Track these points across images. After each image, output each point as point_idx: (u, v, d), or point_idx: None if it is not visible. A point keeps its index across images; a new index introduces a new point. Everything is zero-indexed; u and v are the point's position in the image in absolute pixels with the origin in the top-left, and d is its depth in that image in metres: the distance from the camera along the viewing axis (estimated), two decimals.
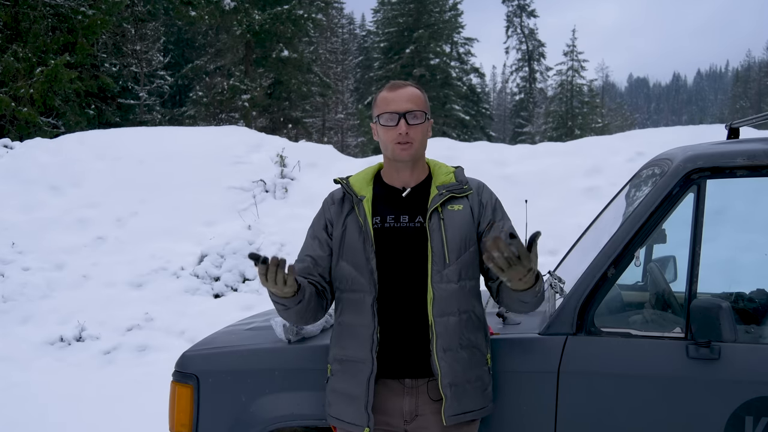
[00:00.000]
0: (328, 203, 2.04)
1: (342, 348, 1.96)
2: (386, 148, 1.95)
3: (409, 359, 1.91)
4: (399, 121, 1.90)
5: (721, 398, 1.97)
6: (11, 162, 9.83)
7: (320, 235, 2.01)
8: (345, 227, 1.97)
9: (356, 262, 1.92)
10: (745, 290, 2.90)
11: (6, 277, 7.13)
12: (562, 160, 9.30)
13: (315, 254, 1.99)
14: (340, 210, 2.00)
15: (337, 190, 2.07)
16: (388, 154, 1.96)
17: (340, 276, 1.96)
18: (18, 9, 18.16)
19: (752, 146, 2.13)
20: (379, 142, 1.99)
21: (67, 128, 17.43)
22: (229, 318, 4.13)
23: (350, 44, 49.90)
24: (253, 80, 27.08)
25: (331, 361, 2.01)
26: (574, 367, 2.07)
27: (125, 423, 4.27)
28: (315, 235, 2.02)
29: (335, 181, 2.07)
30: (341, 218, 1.98)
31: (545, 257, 6.70)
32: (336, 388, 1.97)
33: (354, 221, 1.96)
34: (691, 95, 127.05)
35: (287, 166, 9.83)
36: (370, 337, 1.89)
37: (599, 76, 66.38)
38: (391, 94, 1.94)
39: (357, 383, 1.90)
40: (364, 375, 1.89)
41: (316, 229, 2.03)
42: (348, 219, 1.97)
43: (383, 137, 1.94)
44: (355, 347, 1.92)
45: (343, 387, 1.94)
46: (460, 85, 41.01)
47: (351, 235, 1.95)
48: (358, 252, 1.92)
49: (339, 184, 2.05)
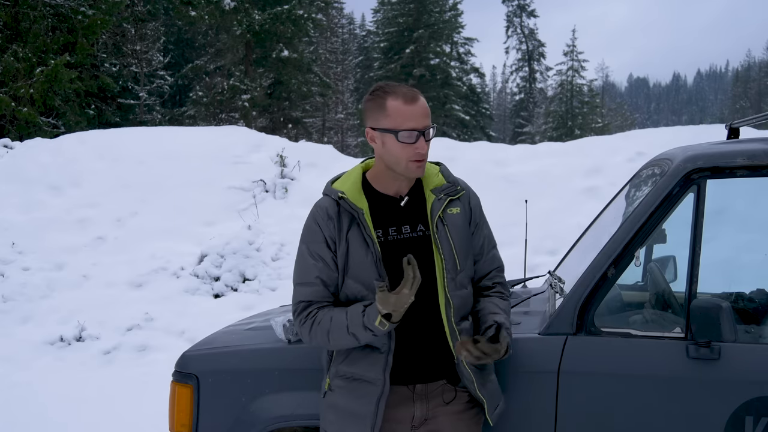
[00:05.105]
0: (324, 219, 1.87)
1: (349, 365, 1.88)
2: (398, 164, 1.84)
3: (423, 366, 1.90)
4: (418, 139, 1.82)
5: (721, 398, 1.97)
6: (11, 162, 9.83)
7: (324, 255, 1.86)
8: (348, 243, 1.84)
9: (365, 280, 1.83)
10: (745, 290, 2.90)
11: (6, 277, 7.13)
12: (562, 160, 9.30)
13: (324, 276, 1.86)
14: (339, 225, 1.86)
15: (328, 203, 1.89)
16: (399, 170, 1.85)
17: (347, 294, 1.87)
18: (18, 9, 18.16)
19: (752, 146, 2.13)
20: (382, 152, 1.86)
21: (67, 128, 17.43)
22: (229, 318, 4.12)
23: (350, 44, 49.90)
24: (253, 80, 27.09)
25: (332, 376, 1.92)
26: (574, 367, 2.07)
27: (125, 423, 4.27)
28: (318, 254, 1.86)
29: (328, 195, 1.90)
30: (342, 234, 1.85)
31: (545, 257, 6.71)
32: (338, 405, 1.90)
33: (357, 237, 1.84)
34: (691, 95, 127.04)
35: (287, 166, 9.84)
36: (384, 358, 1.84)
37: (599, 76, 66.32)
38: (408, 107, 1.81)
39: (365, 403, 1.84)
40: (373, 395, 1.84)
41: (315, 248, 1.87)
42: (349, 234, 1.85)
43: (396, 152, 1.83)
44: (365, 367, 1.85)
45: (347, 405, 1.87)
46: (460, 85, 41.00)
47: (356, 251, 1.84)
48: (366, 269, 1.83)
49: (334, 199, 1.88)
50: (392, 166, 1.86)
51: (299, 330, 1.90)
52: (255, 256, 7.73)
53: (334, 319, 1.82)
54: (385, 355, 1.84)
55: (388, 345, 1.84)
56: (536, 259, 6.55)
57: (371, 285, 1.81)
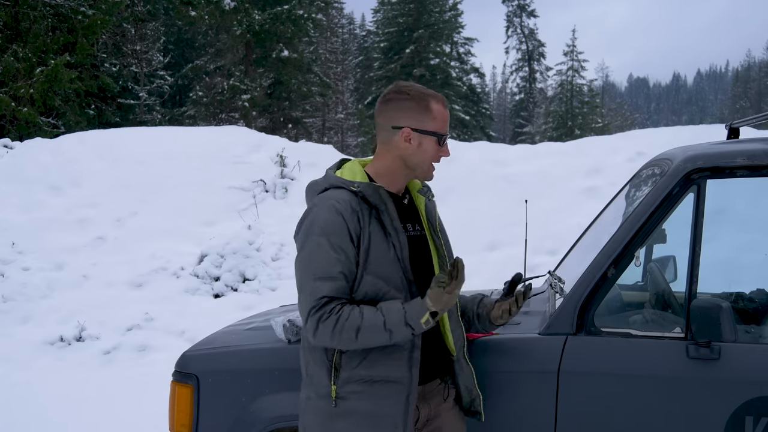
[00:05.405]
0: (348, 211, 1.77)
1: (369, 368, 1.79)
2: (422, 165, 1.86)
3: (428, 367, 1.92)
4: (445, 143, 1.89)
5: (721, 398, 1.97)
6: (11, 162, 9.83)
7: (347, 249, 1.75)
8: (370, 238, 1.78)
9: (387, 276, 1.78)
10: (745, 290, 2.90)
11: (6, 277, 7.13)
12: (562, 160, 9.29)
13: (347, 271, 1.76)
14: (362, 219, 1.78)
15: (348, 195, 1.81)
16: (420, 171, 1.88)
17: (364, 291, 1.78)
18: (18, 9, 18.16)
19: (752, 146, 2.13)
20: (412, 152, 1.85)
21: (67, 128, 17.43)
22: (229, 318, 4.12)
23: (350, 44, 49.90)
24: (253, 80, 27.10)
25: (343, 383, 1.80)
26: (574, 367, 2.07)
27: (125, 423, 4.27)
28: (341, 248, 1.75)
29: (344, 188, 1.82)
30: (366, 229, 1.78)
31: (545, 257, 6.70)
32: (358, 411, 1.80)
33: (378, 231, 1.79)
34: (691, 95, 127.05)
35: (287, 166, 9.84)
36: (409, 354, 1.81)
37: (599, 76, 66.34)
38: (447, 113, 1.89)
39: (392, 403, 1.80)
40: (401, 395, 1.80)
41: (339, 241, 1.75)
42: (371, 228, 1.79)
43: (429, 154, 1.86)
44: (389, 367, 1.80)
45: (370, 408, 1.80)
46: (460, 85, 41.01)
47: (377, 246, 1.78)
48: (388, 265, 1.78)
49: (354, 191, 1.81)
50: (415, 166, 1.87)
51: (319, 326, 1.73)
52: (255, 256, 7.73)
53: (366, 316, 1.73)
54: (408, 351, 1.81)
55: (412, 341, 1.81)
56: (536, 259, 6.55)
57: (392, 281, 1.79)
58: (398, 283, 1.80)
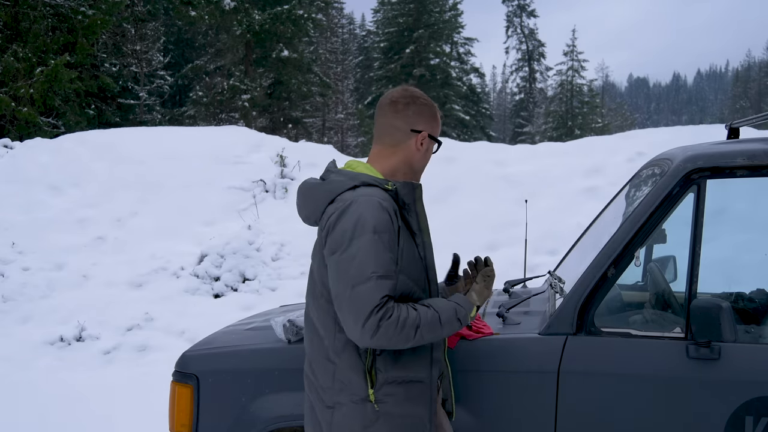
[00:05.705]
0: (392, 210, 1.75)
1: (402, 369, 1.78)
2: (422, 167, 1.93)
3: None
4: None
5: (721, 398, 1.97)
6: (11, 162, 9.83)
7: (394, 248, 1.72)
8: (402, 238, 1.76)
9: (415, 276, 1.79)
10: (745, 290, 2.90)
11: (6, 277, 7.13)
12: (562, 160, 9.30)
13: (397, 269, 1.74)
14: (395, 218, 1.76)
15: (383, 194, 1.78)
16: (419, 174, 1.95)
17: (400, 291, 1.75)
18: (18, 9, 18.16)
19: (752, 146, 2.13)
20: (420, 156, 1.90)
21: (67, 128, 17.43)
22: (229, 318, 4.13)
23: (350, 44, 49.90)
24: (253, 80, 27.09)
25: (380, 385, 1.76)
26: (574, 367, 2.07)
27: (125, 423, 4.27)
28: (391, 246, 1.72)
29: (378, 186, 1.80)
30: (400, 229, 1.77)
31: (545, 257, 6.71)
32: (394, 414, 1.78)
33: (404, 230, 1.78)
34: (691, 95, 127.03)
35: (287, 166, 9.84)
36: (430, 354, 1.83)
37: (599, 76, 66.34)
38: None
39: (420, 404, 1.81)
40: (425, 396, 1.82)
41: (390, 240, 1.71)
42: (401, 229, 1.77)
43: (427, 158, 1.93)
44: (417, 367, 1.80)
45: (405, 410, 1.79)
46: (460, 85, 41.01)
47: (408, 246, 1.77)
48: (414, 264, 1.79)
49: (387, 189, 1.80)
50: (418, 169, 1.93)
51: (381, 326, 1.65)
52: (255, 256, 7.73)
53: (422, 313, 1.71)
54: (429, 352, 1.83)
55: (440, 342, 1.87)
56: (536, 259, 6.55)
57: (419, 281, 1.80)
58: (423, 283, 1.82)
